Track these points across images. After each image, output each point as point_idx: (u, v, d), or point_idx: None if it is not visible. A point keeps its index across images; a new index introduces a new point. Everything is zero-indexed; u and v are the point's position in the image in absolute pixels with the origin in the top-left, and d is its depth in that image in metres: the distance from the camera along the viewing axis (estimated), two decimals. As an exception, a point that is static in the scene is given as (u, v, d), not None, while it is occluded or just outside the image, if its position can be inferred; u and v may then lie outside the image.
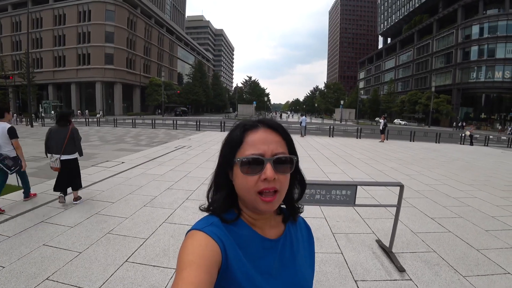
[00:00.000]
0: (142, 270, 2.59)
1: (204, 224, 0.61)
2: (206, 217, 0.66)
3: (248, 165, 0.60)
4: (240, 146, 0.62)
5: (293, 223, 0.75)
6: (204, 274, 0.50)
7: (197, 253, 0.54)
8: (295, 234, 0.74)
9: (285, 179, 0.63)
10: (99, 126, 22.88)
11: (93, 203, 4.40)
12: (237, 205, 0.68)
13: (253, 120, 0.66)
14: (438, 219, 4.14)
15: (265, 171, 0.59)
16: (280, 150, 0.62)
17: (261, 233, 0.67)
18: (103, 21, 44.35)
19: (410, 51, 59.81)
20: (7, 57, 47.57)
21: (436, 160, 10.03)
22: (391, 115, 57.91)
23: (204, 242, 0.56)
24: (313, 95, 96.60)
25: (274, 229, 0.70)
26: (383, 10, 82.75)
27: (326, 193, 2.86)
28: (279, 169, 0.61)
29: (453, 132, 24.68)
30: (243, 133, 0.63)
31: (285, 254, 0.69)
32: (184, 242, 0.58)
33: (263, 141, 0.61)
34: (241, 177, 0.61)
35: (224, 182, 0.66)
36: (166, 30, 62.59)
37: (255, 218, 0.67)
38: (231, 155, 0.63)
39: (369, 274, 2.66)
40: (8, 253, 2.82)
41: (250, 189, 0.60)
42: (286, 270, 0.67)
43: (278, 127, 0.65)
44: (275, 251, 0.67)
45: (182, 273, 0.51)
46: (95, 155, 8.88)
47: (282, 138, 0.65)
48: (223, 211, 0.66)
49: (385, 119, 16.90)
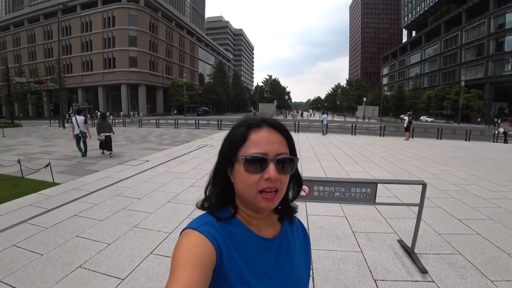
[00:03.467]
0: (165, 262, 2.72)
1: (199, 223, 0.61)
2: (201, 215, 0.65)
3: (252, 164, 0.60)
4: (244, 144, 0.62)
5: (289, 223, 0.75)
6: (198, 274, 0.50)
7: (192, 253, 0.53)
8: (292, 234, 0.74)
9: (285, 180, 0.63)
10: (124, 126, 23.90)
11: (120, 199, 4.65)
12: (233, 203, 0.68)
13: (257, 119, 0.66)
14: (465, 221, 3.96)
15: (269, 170, 0.59)
16: (283, 151, 0.63)
17: (257, 232, 0.66)
18: (126, 26, 46.31)
19: (437, 44, 56.87)
20: (40, 64, 51.21)
21: (465, 159, 9.52)
22: (417, 112, 55.47)
23: (198, 241, 0.56)
24: (334, 92, 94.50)
25: (270, 228, 0.70)
26: (407, 2, 79.29)
27: (345, 190, 2.83)
28: (281, 170, 0.61)
29: (484, 129, 23.22)
30: (247, 131, 0.63)
31: (282, 253, 0.68)
32: (179, 241, 0.57)
33: (267, 140, 0.62)
34: (243, 174, 0.61)
35: (223, 178, 0.67)
36: (186, 32, 64.06)
37: (251, 217, 0.66)
38: (233, 152, 0.63)
39: (389, 274, 2.62)
40: (45, 243, 3.07)
41: (251, 187, 0.60)
42: (283, 270, 0.67)
43: (281, 127, 0.66)
44: (272, 250, 0.66)
45: (177, 273, 0.50)
46: (122, 154, 9.32)
47: (285, 139, 0.65)
48: (218, 208, 0.66)
49: (410, 116, 16.25)
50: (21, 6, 75.27)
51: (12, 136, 15.71)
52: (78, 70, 49.75)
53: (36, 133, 17.47)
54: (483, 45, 43.86)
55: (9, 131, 19.30)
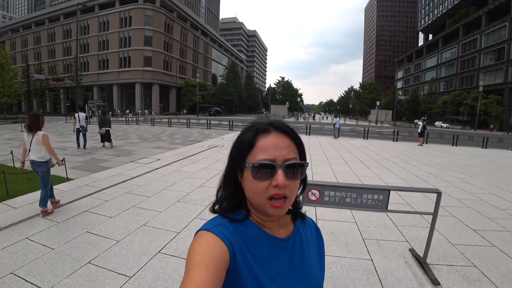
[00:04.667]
0: (173, 261, 2.73)
1: (212, 225, 0.61)
2: (215, 217, 0.66)
3: (259, 171, 0.59)
4: (251, 150, 0.62)
5: (302, 223, 0.75)
6: (212, 274, 0.51)
7: (206, 253, 0.54)
8: (305, 234, 0.73)
9: (295, 185, 0.62)
10: (137, 124, 24.33)
11: (130, 196, 4.71)
12: (245, 206, 0.68)
13: (264, 123, 0.65)
14: (481, 232, 3.81)
15: (277, 177, 0.59)
16: (291, 156, 0.61)
17: (270, 233, 0.66)
18: (142, 26, 47.16)
19: (455, 47, 55.23)
20: (59, 62, 52.83)
21: (482, 167, 9.19)
22: (432, 117, 54.06)
23: (212, 242, 0.56)
24: (347, 95, 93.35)
25: (283, 228, 0.69)
26: (424, 5, 77.39)
27: (357, 196, 2.77)
28: (290, 176, 0.60)
29: (503, 136, 22.38)
30: (254, 136, 0.63)
31: (295, 253, 0.68)
32: (193, 243, 0.58)
33: (275, 146, 0.61)
34: (252, 181, 0.60)
35: (233, 183, 0.67)
36: (201, 33, 64.73)
37: (264, 220, 0.66)
38: (242, 158, 0.63)
39: (399, 284, 2.54)
40: (57, 237, 3.14)
41: (260, 194, 0.60)
42: (297, 269, 0.66)
43: (290, 131, 0.65)
44: (285, 250, 0.66)
45: (191, 272, 0.51)
46: (134, 152, 9.48)
47: (293, 143, 0.64)
48: (230, 212, 0.66)
49: (424, 121, 15.85)
50: (42, 6, 78.12)
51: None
52: (95, 69, 51.04)
53: (52, 129, 17.99)
54: (503, 49, 42.24)
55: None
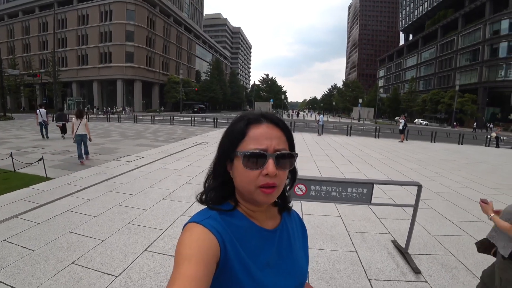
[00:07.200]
0: (160, 259, 2.70)
1: (202, 217, 0.61)
2: (203, 210, 0.66)
3: (251, 159, 0.60)
4: (243, 139, 0.62)
5: (288, 216, 0.77)
6: (202, 268, 0.50)
7: (195, 246, 0.53)
8: (291, 226, 0.75)
9: (284, 175, 0.64)
10: (119, 122, 23.66)
11: (114, 195, 4.60)
12: (233, 197, 0.68)
13: (256, 114, 0.65)
14: (458, 222, 4.01)
15: (267, 166, 0.59)
16: (282, 146, 0.62)
17: (259, 224, 0.67)
18: (124, 21, 45.80)
19: (433, 48, 57.40)
20: (34, 57, 50.37)
21: (458, 162, 9.65)
22: (412, 114, 55.97)
23: (202, 235, 0.56)
24: (331, 93, 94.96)
25: (271, 220, 0.71)
26: (405, 6, 79.74)
27: (342, 190, 2.85)
28: (280, 165, 0.61)
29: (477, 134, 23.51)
30: (246, 126, 0.63)
31: (283, 244, 0.69)
32: (182, 235, 0.57)
33: (266, 136, 0.62)
34: (242, 170, 0.61)
35: (223, 173, 0.67)
36: (184, 29, 63.60)
37: (252, 210, 0.67)
38: (233, 147, 0.63)
39: (383, 273, 2.64)
40: (37, 238, 3.02)
41: (250, 183, 0.61)
42: (284, 260, 0.68)
43: (280, 122, 0.65)
44: (273, 241, 0.67)
45: (180, 267, 0.50)
46: (116, 150, 9.23)
47: (284, 134, 0.65)
48: (218, 202, 0.66)
49: (405, 119, 16.39)
50: (15, -3, 73.88)
51: (4, 129, 15.44)
52: (73, 64, 49.06)
53: (28, 127, 17.19)
54: (478, 50, 44.39)
55: (1, 124, 18.97)
